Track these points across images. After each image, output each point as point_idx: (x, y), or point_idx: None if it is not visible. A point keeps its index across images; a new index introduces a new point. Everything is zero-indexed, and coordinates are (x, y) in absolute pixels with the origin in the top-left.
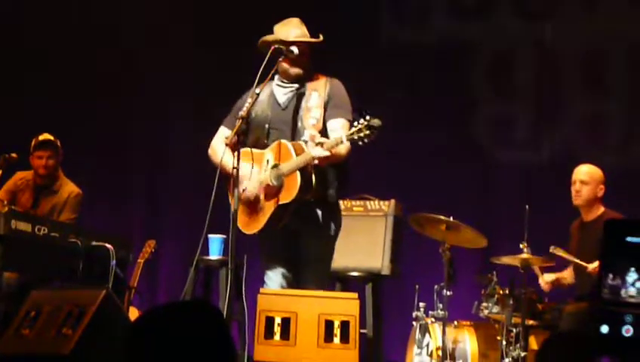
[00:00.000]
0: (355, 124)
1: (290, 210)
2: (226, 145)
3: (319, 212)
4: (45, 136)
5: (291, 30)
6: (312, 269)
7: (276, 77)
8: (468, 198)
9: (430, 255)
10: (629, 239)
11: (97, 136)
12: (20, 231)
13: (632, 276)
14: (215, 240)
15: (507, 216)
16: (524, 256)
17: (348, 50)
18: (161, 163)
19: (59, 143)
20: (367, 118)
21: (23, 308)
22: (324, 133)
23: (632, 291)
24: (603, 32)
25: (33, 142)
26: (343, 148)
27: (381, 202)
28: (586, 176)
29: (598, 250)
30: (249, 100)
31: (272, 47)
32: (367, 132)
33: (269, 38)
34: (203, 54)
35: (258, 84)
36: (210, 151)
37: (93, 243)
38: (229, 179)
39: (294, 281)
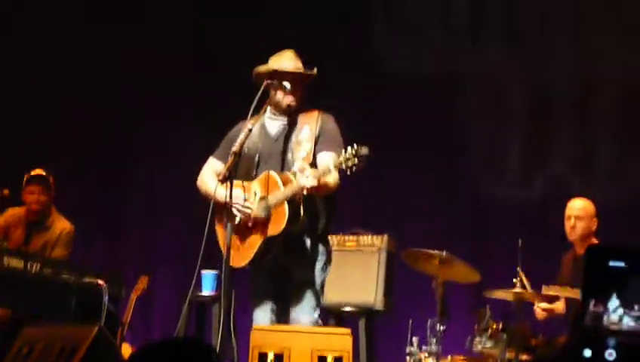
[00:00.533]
0: (343, 152)
1: (278, 242)
2: (219, 180)
3: (308, 244)
4: (37, 172)
5: (285, 62)
6: (302, 301)
7: (268, 109)
8: (461, 233)
9: (423, 290)
10: (611, 264)
11: (90, 172)
12: (12, 268)
13: (613, 302)
14: (208, 276)
15: (500, 251)
16: (517, 290)
17: (340, 80)
18: (152, 199)
19: (51, 179)
20: (355, 146)
21: (16, 344)
22: (313, 166)
23: (614, 318)
24: (593, 64)
25: (25, 178)
26: (331, 179)
27: (374, 237)
28: (580, 211)
29: None
30: (241, 135)
31: (265, 82)
32: (355, 160)
33: (262, 68)
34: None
35: (252, 116)
36: (199, 181)
37: (86, 279)
38: (220, 212)
39: (283, 316)
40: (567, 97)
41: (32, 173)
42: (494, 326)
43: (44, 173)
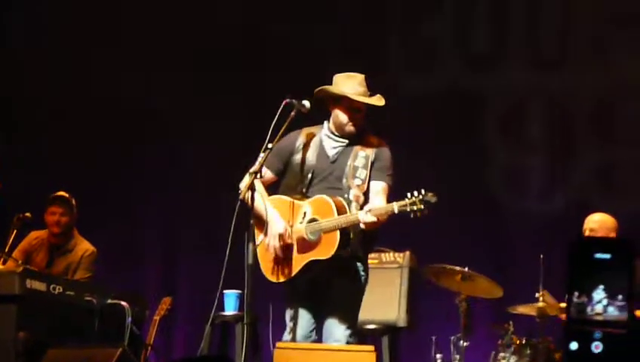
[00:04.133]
0: (409, 195)
1: (320, 265)
2: (240, 200)
3: (351, 265)
4: (60, 194)
5: (355, 86)
6: (339, 321)
7: (326, 126)
8: (483, 249)
9: (446, 306)
10: (597, 256)
11: (110, 194)
12: (35, 291)
13: (599, 293)
14: (231, 296)
15: (522, 266)
16: (540, 304)
17: None
18: (174, 219)
19: (73, 201)
20: (423, 192)
21: None
22: (366, 194)
23: (599, 308)
24: (614, 81)
25: (47, 199)
26: (387, 215)
27: (396, 254)
28: (595, 224)
29: None
30: (261, 155)
31: (285, 101)
32: (421, 206)
33: (331, 89)
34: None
35: (281, 135)
36: (242, 186)
37: (109, 301)
38: (258, 224)
39: (317, 324)
40: (588, 112)
41: (54, 194)
42: (518, 342)
43: (66, 195)
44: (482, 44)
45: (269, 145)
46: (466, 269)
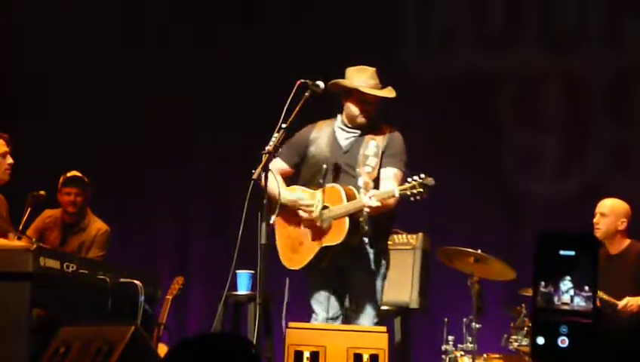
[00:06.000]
0: (409, 180)
1: (333, 251)
2: (253, 179)
3: (369, 252)
4: (74, 173)
5: (367, 80)
6: (364, 309)
7: (339, 118)
8: (496, 230)
9: (458, 288)
10: (561, 253)
11: (124, 174)
12: (49, 269)
13: (566, 284)
14: (243, 276)
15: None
16: None
17: None
18: (187, 198)
19: (87, 180)
20: (422, 176)
21: (52, 344)
22: (377, 180)
23: (566, 298)
24: (630, 61)
25: (61, 179)
26: (393, 200)
27: (409, 236)
28: (605, 208)
29: (626, 284)
30: (275, 135)
31: (299, 82)
32: (421, 189)
33: (343, 82)
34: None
35: (286, 120)
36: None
37: (122, 279)
38: (283, 211)
39: (343, 312)
40: (603, 95)
41: (68, 174)
42: (530, 324)
43: (80, 175)
44: (497, 24)
45: (283, 126)
46: (479, 251)
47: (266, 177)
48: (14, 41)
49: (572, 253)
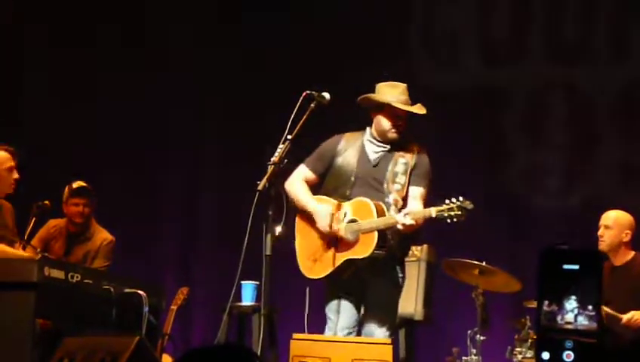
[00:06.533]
0: (447, 201)
1: (357, 264)
2: (258, 190)
3: (389, 267)
4: (80, 184)
5: (398, 95)
6: (380, 322)
7: (369, 131)
8: (501, 243)
9: (463, 300)
10: (565, 267)
11: (128, 184)
12: (53, 279)
13: (571, 303)
14: (248, 286)
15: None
16: None
17: None
18: (192, 208)
19: (92, 190)
20: (461, 198)
21: (56, 355)
22: (405, 198)
23: (569, 317)
24: (635, 75)
25: (67, 190)
26: (423, 220)
27: (414, 247)
28: (610, 220)
29: (630, 296)
30: (281, 146)
31: (305, 93)
32: (459, 212)
33: (375, 97)
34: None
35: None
36: (288, 185)
37: (126, 290)
38: (305, 221)
39: (359, 328)
40: (609, 109)
41: (74, 185)
42: (534, 336)
43: (85, 185)
44: (503, 37)
45: (289, 137)
46: (484, 263)
47: (270, 187)
48: (14, 42)
49: (576, 267)
